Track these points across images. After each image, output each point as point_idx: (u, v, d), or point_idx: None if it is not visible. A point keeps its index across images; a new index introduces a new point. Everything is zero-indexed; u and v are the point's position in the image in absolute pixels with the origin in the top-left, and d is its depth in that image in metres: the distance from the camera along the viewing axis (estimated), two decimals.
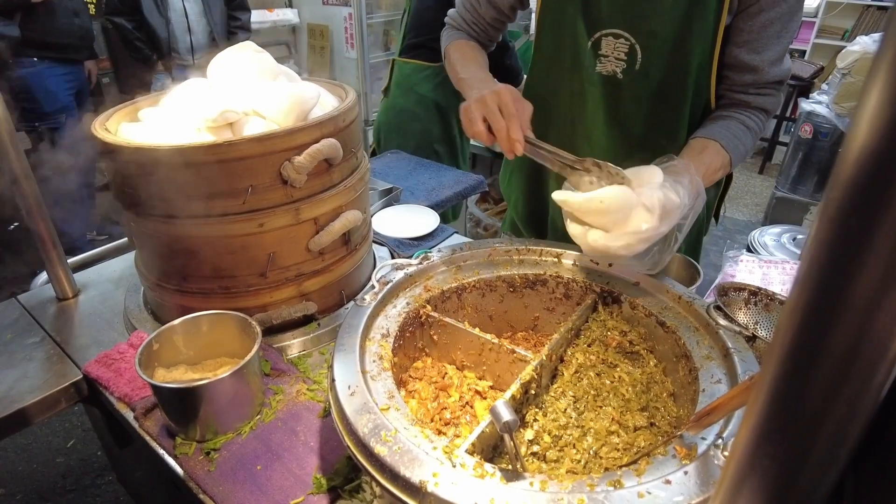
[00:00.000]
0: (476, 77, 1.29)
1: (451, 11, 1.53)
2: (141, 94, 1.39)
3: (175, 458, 1.00)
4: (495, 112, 1.11)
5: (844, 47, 4.37)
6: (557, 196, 1.07)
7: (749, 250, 2.62)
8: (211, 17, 3.67)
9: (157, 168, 1.07)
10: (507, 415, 0.69)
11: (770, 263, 1.44)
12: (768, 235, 2.62)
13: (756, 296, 1.15)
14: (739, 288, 1.16)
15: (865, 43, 4.10)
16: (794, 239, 2.78)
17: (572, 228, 1.07)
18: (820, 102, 4.24)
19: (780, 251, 2.75)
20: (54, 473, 2.26)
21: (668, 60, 1.24)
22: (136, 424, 1.08)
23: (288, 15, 4.28)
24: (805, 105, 4.30)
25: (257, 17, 4.14)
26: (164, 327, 1.08)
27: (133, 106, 1.33)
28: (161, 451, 1.03)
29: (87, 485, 2.20)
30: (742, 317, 1.15)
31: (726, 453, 0.72)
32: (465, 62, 1.38)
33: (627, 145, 1.35)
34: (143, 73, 3.69)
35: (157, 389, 1.00)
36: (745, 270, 1.43)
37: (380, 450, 0.73)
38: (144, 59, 3.61)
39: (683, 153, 1.22)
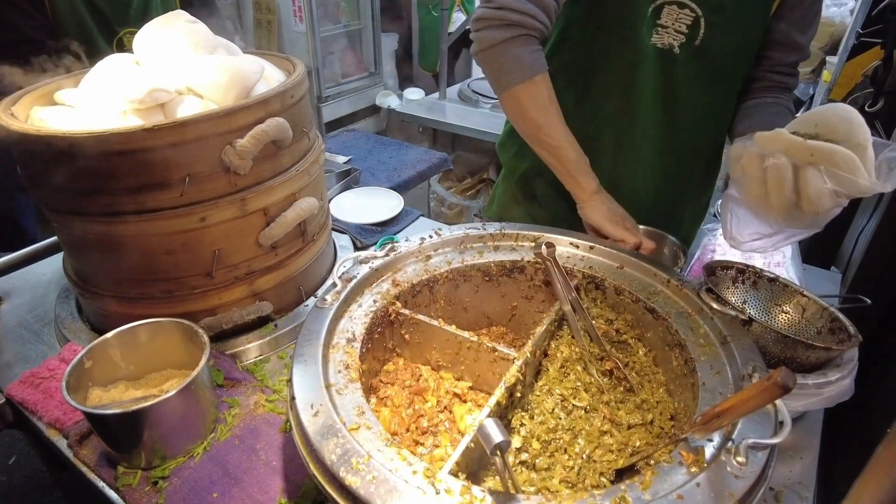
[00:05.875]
0: (579, 166, 1.17)
1: (489, 13, 1.09)
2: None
3: (117, 490, 0.88)
4: (623, 232, 1.13)
5: None
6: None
7: (715, 217, 2.59)
8: None
9: (77, 159, 0.92)
10: (497, 435, 0.60)
11: None
12: None
13: (744, 274, 1.09)
14: (727, 266, 1.09)
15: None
16: None
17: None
18: None
19: None
20: None
21: (730, 37, 1.15)
22: (70, 453, 0.95)
23: None
24: None
25: None
26: (95, 342, 0.95)
27: (47, 87, 1.16)
28: (101, 484, 0.90)
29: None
30: (730, 296, 1.09)
31: (740, 459, 0.65)
32: (556, 133, 1.15)
33: (673, 128, 1.26)
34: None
35: (90, 417, 0.87)
36: (725, 245, 1.37)
37: (351, 480, 0.63)
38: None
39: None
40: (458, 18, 4.09)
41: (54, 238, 1.58)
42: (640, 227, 1.35)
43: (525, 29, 1.10)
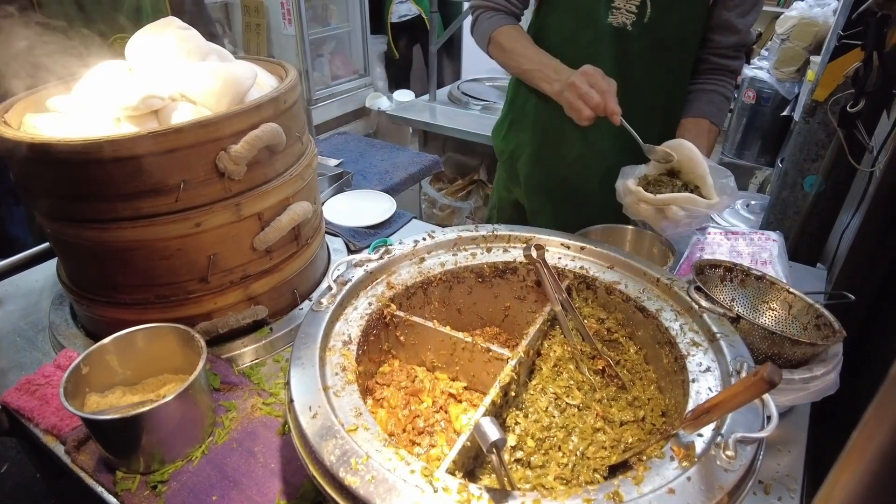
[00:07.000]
0: (545, 64, 1.38)
1: (471, 4, 1.52)
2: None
3: (116, 495, 0.89)
4: (590, 92, 1.24)
5: (780, 13, 4.43)
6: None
7: None
8: None
9: (72, 166, 0.93)
10: (494, 433, 0.61)
11: (738, 235, 1.41)
12: None
13: (731, 272, 1.11)
14: (715, 265, 1.11)
15: (802, 9, 4.17)
16: (747, 205, 2.82)
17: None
18: (761, 68, 4.31)
19: (735, 217, 2.78)
20: None
21: (674, 15, 1.35)
22: (67, 459, 0.95)
23: None
24: (747, 71, 4.36)
25: None
26: (92, 348, 0.95)
27: (40, 94, 1.17)
28: (99, 489, 0.91)
29: None
30: (718, 294, 1.11)
31: (729, 453, 0.67)
32: (523, 51, 1.42)
33: (630, 92, 1.40)
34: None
35: (88, 422, 0.88)
36: (713, 243, 1.40)
37: (351, 480, 0.65)
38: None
39: (684, 136, 1.36)
40: (396, 10, 4.19)
41: (46, 244, 1.58)
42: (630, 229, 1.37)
43: (486, 9, 1.50)
